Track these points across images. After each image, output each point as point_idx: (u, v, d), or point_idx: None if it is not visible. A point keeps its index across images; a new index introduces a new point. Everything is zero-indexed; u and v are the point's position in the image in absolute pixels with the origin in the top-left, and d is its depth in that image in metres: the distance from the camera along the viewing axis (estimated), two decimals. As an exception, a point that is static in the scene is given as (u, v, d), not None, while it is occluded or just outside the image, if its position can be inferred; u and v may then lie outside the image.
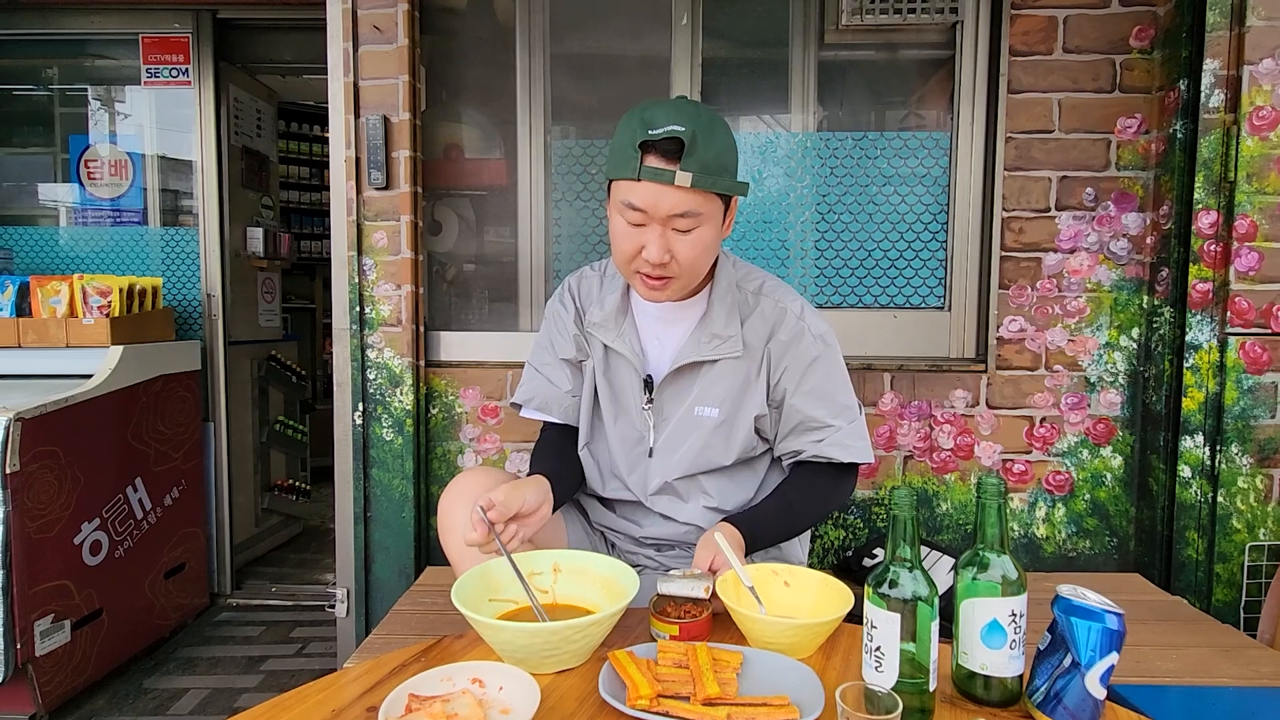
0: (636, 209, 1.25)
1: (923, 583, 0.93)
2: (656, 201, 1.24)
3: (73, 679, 2.28)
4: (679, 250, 1.28)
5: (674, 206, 1.24)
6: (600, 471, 1.56)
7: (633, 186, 1.25)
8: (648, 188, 1.23)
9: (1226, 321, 1.96)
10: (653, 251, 1.26)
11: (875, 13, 2.18)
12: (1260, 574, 1.98)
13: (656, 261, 1.27)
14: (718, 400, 1.42)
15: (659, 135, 1.21)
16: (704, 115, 1.26)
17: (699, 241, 1.29)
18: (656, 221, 1.26)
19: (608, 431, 1.52)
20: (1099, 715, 0.90)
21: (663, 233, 1.26)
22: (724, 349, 1.39)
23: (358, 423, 2.21)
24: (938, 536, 2.23)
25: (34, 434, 2.12)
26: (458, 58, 2.39)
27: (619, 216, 1.29)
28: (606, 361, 1.50)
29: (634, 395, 1.47)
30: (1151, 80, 2.12)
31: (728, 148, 1.28)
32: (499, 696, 0.93)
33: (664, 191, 1.23)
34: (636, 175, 1.23)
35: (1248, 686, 1.44)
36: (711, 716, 0.89)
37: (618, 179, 1.28)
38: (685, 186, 1.23)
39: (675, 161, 1.22)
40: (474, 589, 1.14)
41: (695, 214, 1.26)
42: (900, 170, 2.29)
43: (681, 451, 1.46)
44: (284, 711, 0.95)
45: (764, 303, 1.44)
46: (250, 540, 3.47)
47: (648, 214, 1.25)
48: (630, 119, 1.28)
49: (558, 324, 1.54)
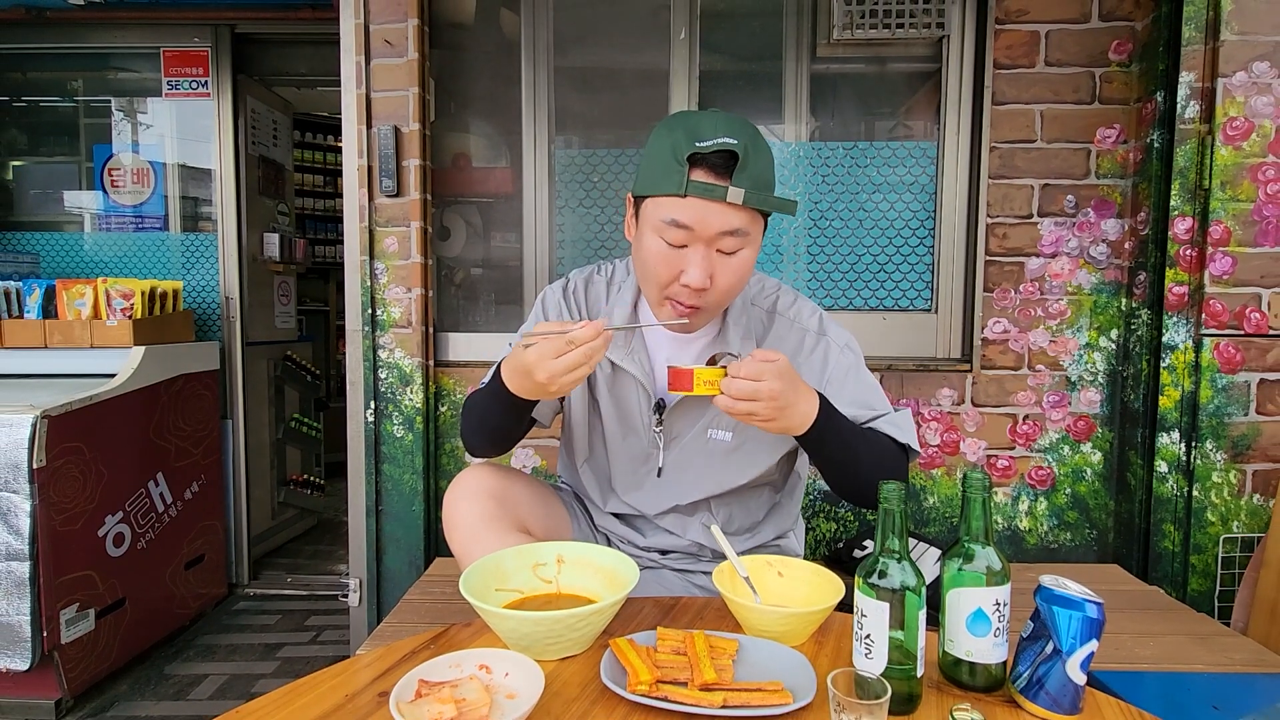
0: (682, 227, 1.13)
1: (911, 573, 0.93)
2: (705, 219, 1.12)
3: (96, 666, 2.31)
4: (720, 275, 1.17)
5: (724, 225, 1.13)
6: (600, 488, 1.48)
7: (678, 203, 1.12)
8: (695, 204, 1.12)
9: (1202, 323, 2.00)
10: (695, 275, 1.14)
11: (865, 28, 2.23)
12: (1234, 564, 2.02)
13: (699, 286, 1.15)
14: (731, 424, 1.33)
15: (709, 148, 1.11)
16: (749, 128, 1.16)
17: (742, 265, 1.18)
18: (701, 242, 1.15)
19: (611, 449, 1.41)
20: (1079, 700, 0.92)
21: (707, 254, 1.15)
22: None
23: (370, 420, 2.27)
24: (925, 529, 2.28)
25: (60, 431, 2.15)
26: (465, 71, 2.44)
27: (655, 237, 1.17)
28: (613, 378, 1.37)
29: (642, 415, 1.37)
30: (1130, 92, 2.17)
31: (771, 163, 1.18)
32: (505, 682, 0.93)
33: (714, 209, 1.12)
34: (683, 191, 1.11)
35: (1222, 673, 1.47)
36: (708, 701, 0.89)
37: (658, 195, 1.15)
38: (738, 204, 1.12)
39: (727, 177, 1.11)
40: (482, 579, 1.13)
41: (744, 233, 1.15)
42: (889, 178, 2.34)
43: (692, 473, 1.37)
44: (299, 696, 0.96)
45: (779, 323, 1.35)
46: (267, 532, 3.50)
47: (694, 233, 1.14)
48: (671, 130, 1.15)
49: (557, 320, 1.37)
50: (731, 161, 1.11)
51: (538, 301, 1.43)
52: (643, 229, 1.20)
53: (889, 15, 2.23)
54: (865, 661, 0.92)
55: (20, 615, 2.07)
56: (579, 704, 0.94)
